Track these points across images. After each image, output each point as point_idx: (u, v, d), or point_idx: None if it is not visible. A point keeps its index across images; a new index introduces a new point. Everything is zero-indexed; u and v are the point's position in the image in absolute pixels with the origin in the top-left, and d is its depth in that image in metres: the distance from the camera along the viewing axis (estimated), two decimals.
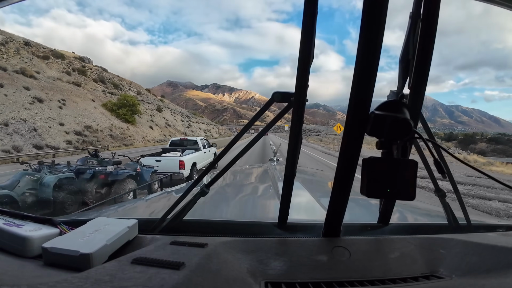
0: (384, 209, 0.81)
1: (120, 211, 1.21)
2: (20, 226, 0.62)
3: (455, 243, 0.67)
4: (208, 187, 0.76)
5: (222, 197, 1.45)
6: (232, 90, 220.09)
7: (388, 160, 0.57)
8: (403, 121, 0.54)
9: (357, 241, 0.67)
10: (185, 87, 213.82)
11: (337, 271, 0.56)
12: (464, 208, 0.86)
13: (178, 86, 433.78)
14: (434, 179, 0.82)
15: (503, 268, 0.56)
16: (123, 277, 0.42)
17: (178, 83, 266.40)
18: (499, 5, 0.75)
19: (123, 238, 0.62)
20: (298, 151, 0.71)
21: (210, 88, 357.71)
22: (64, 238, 0.59)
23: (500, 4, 0.75)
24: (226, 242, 0.62)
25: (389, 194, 0.56)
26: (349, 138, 0.59)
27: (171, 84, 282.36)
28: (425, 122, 0.76)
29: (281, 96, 0.68)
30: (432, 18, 0.61)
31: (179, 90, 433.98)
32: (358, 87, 0.56)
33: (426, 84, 0.65)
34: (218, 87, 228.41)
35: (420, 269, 0.58)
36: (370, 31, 0.53)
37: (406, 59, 0.66)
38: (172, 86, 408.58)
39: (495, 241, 0.68)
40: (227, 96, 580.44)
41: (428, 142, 0.61)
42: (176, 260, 0.49)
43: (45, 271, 0.51)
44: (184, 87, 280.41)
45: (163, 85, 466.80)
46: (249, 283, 0.48)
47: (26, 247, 0.58)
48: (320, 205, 1.11)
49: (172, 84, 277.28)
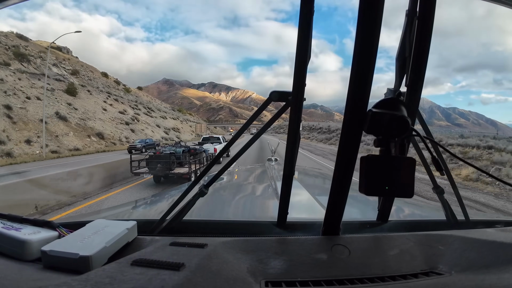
0: (382, 207, 0.81)
1: (118, 212, 1.21)
2: (19, 230, 0.62)
3: (454, 239, 0.67)
4: (207, 187, 0.76)
5: (221, 197, 1.46)
6: (229, 89, 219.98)
7: (386, 158, 0.57)
8: (401, 118, 0.54)
9: (356, 238, 0.68)
10: (181, 85, 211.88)
11: (337, 269, 0.56)
12: (462, 204, 0.87)
13: (174, 84, 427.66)
14: (432, 176, 0.82)
15: (502, 263, 0.57)
16: (123, 279, 0.42)
17: (174, 81, 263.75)
18: (505, 4, 0.75)
19: (122, 240, 0.62)
20: (297, 150, 0.71)
21: (207, 86, 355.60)
22: (63, 241, 0.58)
23: (505, 4, 0.75)
24: (225, 242, 0.62)
25: (387, 191, 0.56)
26: (347, 136, 0.60)
27: (166, 82, 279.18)
28: (422, 120, 0.76)
29: (279, 95, 0.68)
30: (428, 16, 0.61)
31: (175, 88, 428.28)
32: (355, 85, 0.56)
33: (423, 81, 0.65)
34: (215, 86, 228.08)
35: (420, 266, 0.58)
36: (367, 29, 0.54)
37: (402, 57, 0.67)
38: (168, 84, 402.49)
39: (493, 236, 0.68)
40: (223, 95, 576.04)
41: (426, 140, 0.61)
42: (176, 261, 0.49)
43: (44, 275, 0.51)
44: (180, 85, 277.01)
45: (159, 83, 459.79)
46: (249, 282, 0.48)
47: (25, 250, 0.57)
48: (319, 204, 1.11)
49: (168, 82, 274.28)
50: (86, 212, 4.77)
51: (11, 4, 0.88)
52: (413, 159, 0.56)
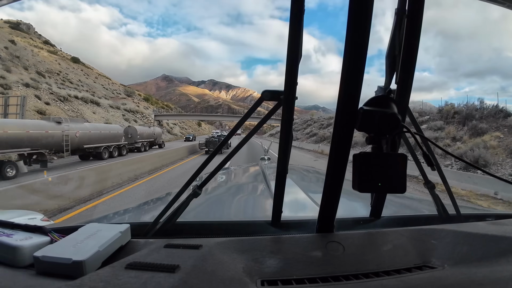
0: (375, 203, 0.82)
1: (111, 216, 1.20)
2: (10, 236, 0.61)
3: (446, 233, 0.68)
4: (200, 188, 0.76)
5: (215, 198, 1.45)
6: (229, 87, 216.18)
7: (378, 155, 0.58)
8: (392, 115, 0.55)
9: (350, 235, 0.68)
10: (181, 82, 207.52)
11: (332, 266, 0.56)
12: (453, 199, 0.88)
13: (174, 81, 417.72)
14: (423, 171, 0.83)
15: (493, 256, 0.58)
16: (118, 283, 0.42)
17: (174, 77, 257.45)
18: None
19: (116, 244, 0.62)
20: (289, 149, 0.71)
21: (207, 84, 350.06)
22: (56, 246, 0.58)
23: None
24: (220, 243, 0.62)
25: (380, 188, 0.57)
26: (339, 134, 0.60)
27: (166, 78, 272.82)
28: (412, 116, 0.77)
29: (271, 94, 0.68)
30: (416, 15, 0.61)
31: (174, 85, 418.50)
32: (346, 84, 0.57)
33: (412, 79, 0.66)
34: (215, 84, 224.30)
35: (413, 260, 0.59)
36: (357, 28, 0.54)
37: (392, 55, 0.67)
38: (167, 81, 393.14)
39: (485, 230, 0.70)
40: (223, 93, 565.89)
41: (416, 136, 0.62)
42: (170, 263, 0.49)
43: (37, 281, 0.51)
44: (179, 82, 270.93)
45: (158, 79, 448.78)
46: (245, 282, 0.48)
47: (17, 256, 0.57)
48: (313, 202, 1.12)
49: (168, 79, 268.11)
50: (78, 217, 4.79)
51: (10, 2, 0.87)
52: (404, 155, 0.57)
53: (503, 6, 0.82)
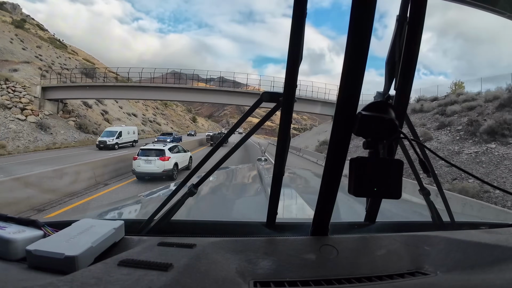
0: (370, 208, 0.82)
1: (105, 212, 1.19)
2: (3, 228, 0.61)
3: (439, 240, 0.68)
4: (196, 187, 0.75)
5: (210, 197, 1.45)
6: (238, 85, 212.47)
7: (375, 160, 0.58)
8: (389, 121, 0.55)
9: (344, 239, 0.68)
10: (189, 78, 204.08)
11: (325, 269, 0.56)
12: (447, 206, 0.88)
13: (182, 77, 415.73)
14: (418, 177, 0.84)
15: (487, 264, 0.58)
16: (110, 280, 0.42)
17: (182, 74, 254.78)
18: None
19: (109, 240, 0.61)
20: (287, 150, 0.71)
21: (216, 81, 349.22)
22: (49, 241, 0.57)
23: None
24: (214, 243, 0.62)
25: (376, 193, 0.57)
26: (336, 138, 0.60)
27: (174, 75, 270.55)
28: (410, 123, 0.77)
29: (270, 96, 0.68)
30: (417, 22, 0.62)
31: (182, 81, 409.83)
32: (345, 88, 0.57)
33: (411, 85, 0.66)
34: (224, 81, 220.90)
35: (406, 266, 0.59)
36: (358, 33, 0.54)
37: (392, 61, 0.67)
38: (176, 77, 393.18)
39: (478, 238, 0.70)
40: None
41: (413, 142, 0.62)
42: (164, 261, 0.48)
43: (29, 275, 0.50)
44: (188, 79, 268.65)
45: (167, 75, 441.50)
46: (238, 283, 0.48)
47: (9, 250, 0.56)
48: (308, 205, 1.12)
49: (176, 75, 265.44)
50: (72, 212, 4.75)
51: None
52: (400, 161, 0.57)
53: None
